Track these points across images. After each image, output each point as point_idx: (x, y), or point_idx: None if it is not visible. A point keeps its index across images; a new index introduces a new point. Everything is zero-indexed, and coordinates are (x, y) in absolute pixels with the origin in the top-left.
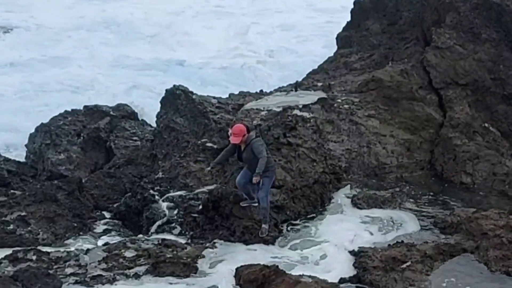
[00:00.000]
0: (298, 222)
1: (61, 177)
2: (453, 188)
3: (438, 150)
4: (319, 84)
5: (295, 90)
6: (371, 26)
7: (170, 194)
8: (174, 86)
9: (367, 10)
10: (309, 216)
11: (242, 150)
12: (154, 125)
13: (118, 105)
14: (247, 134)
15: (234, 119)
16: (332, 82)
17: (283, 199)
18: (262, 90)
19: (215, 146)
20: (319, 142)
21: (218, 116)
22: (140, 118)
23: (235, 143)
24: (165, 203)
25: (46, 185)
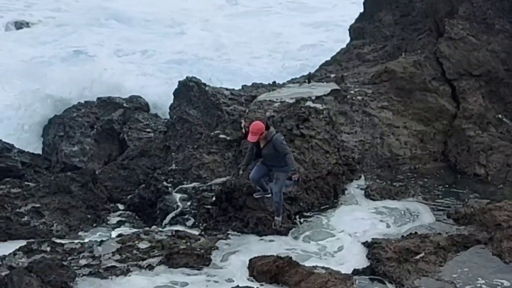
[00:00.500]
0: (311, 213)
1: (74, 168)
2: (466, 179)
3: (451, 141)
4: (332, 75)
5: (308, 82)
6: (384, 17)
7: (183, 185)
8: (187, 77)
9: (380, 1)
10: (322, 207)
11: (262, 147)
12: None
13: (131, 97)
14: (266, 131)
15: (247, 111)
16: (345, 74)
17: (296, 191)
18: (275, 82)
19: (228, 138)
20: (332, 133)
21: (231, 107)
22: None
23: (252, 141)
24: (178, 195)
25: (60, 176)
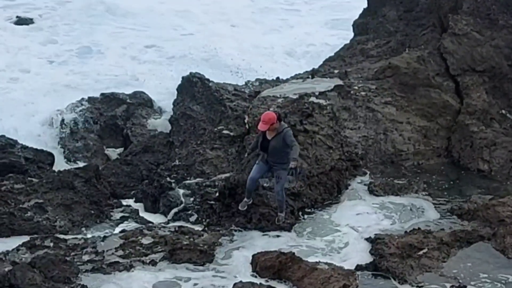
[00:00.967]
0: (314, 209)
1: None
2: (470, 175)
3: (455, 137)
4: (336, 71)
5: (312, 77)
6: (388, 13)
7: (186, 181)
8: (190, 73)
9: None
10: (325, 203)
11: (270, 139)
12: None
13: (135, 92)
14: (278, 122)
15: (251, 106)
16: (348, 69)
17: (300, 186)
18: (278, 77)
19: (232, 134)
20: (336, 129)
21: (234, 103)
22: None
23: (262, 130)
24: (181, 190)
25: (63, 172)
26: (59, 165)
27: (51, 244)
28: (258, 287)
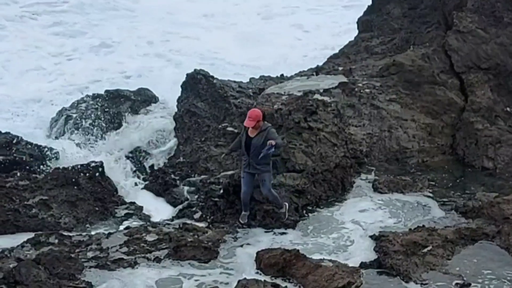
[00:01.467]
0: (319, 206)
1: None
2: (474, 172)
3: (459, 134)
4: (340, 68)
5: (316, 75)
6: (392, 10)
7: (191, 178)
8: (195, 70)
9: None
10: (330, 200)
11: (253, 137)
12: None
13: (139, 89)
14: (262, 121)
15: (255, 103)
16: (353, 67)
17: (304, 183)
18: (282, 75)
19: (236, 131)
20: (340, 126)
21: (238, 100)
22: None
23: (249, 126)
24: (186, 187)
25: (68, 169)
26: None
27: (56, 240)
28: (263, 284)
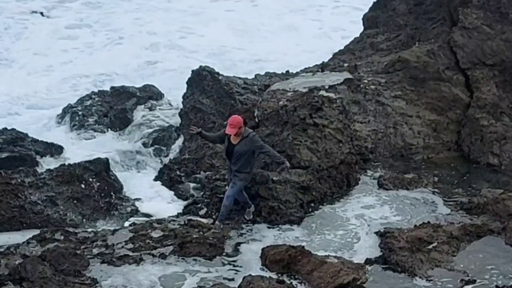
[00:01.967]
0: (324, 202)
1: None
2: (479, 169)
3: (465, 131)
4: (345, 64)
5: (321, 71)
6: (398, 7)
7: (196, 174)
8: (200, 66)
9: None
10: (335, 196)
11: (235, 144)
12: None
13: (145, 86)
14: (244, 127)
15: (260, 100)
16: (358, 63)
17: (309, 180)
18: (288, 71)
19: None
20: (345, 122)
21: (244, 97)
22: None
23: (230, 134)
24: (191, 184)
25: (74, 166)
26: (69, 158)
27: (62, 237)
28: (268, 281)
